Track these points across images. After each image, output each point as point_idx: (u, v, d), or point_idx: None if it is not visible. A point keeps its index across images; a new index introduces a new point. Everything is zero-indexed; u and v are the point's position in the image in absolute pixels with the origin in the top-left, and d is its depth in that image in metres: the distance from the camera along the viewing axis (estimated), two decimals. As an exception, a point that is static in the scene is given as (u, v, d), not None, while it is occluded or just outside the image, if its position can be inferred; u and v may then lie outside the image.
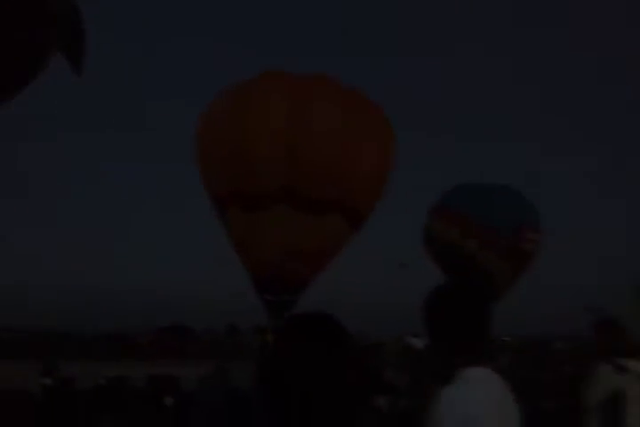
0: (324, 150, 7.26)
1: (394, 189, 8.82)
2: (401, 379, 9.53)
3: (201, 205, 8.34)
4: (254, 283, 7.97)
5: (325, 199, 7.39)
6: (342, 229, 7.84)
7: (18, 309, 51.88)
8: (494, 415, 1.63)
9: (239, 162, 7.32)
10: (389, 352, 24.89)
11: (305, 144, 7.20)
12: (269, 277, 7.76)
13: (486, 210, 9.39)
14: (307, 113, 7.28)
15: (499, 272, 9.43)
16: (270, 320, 7.98)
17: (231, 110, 7.58)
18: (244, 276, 8.11)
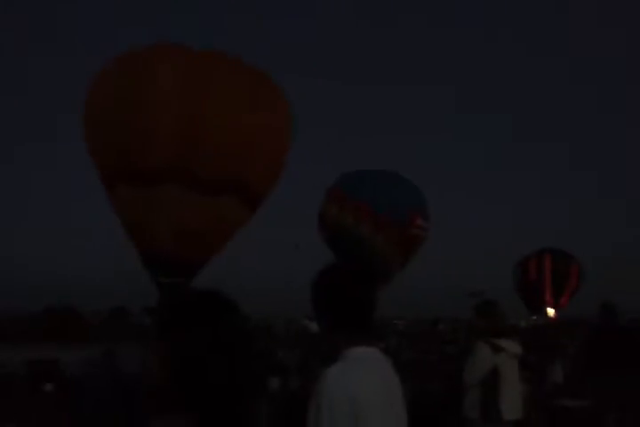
0: (221, 128, 7.07)
1: (290, 172, 8.78)
2: (291, 359, 9.64)
3: (89, 183, 7.97)
4: (145, 264, 7.72)
5: (220, 179, 7.20)
6: (237, 210, 7.71)
7: None
8: (376, 396, 1.65)
9: (128, 134, 6.97)
10: (281, 333, 25.20)
11: (201, 120, 6.97)
12: (160, 259, 7.53)
13: (378, 196, 9.65)
14: (203, 88, 7.03)
15: (389, 256, 9.72)
16: (161, 302, 7.78)
17: (121, 79, 7.16)
18: (133, 256, 7.85)
